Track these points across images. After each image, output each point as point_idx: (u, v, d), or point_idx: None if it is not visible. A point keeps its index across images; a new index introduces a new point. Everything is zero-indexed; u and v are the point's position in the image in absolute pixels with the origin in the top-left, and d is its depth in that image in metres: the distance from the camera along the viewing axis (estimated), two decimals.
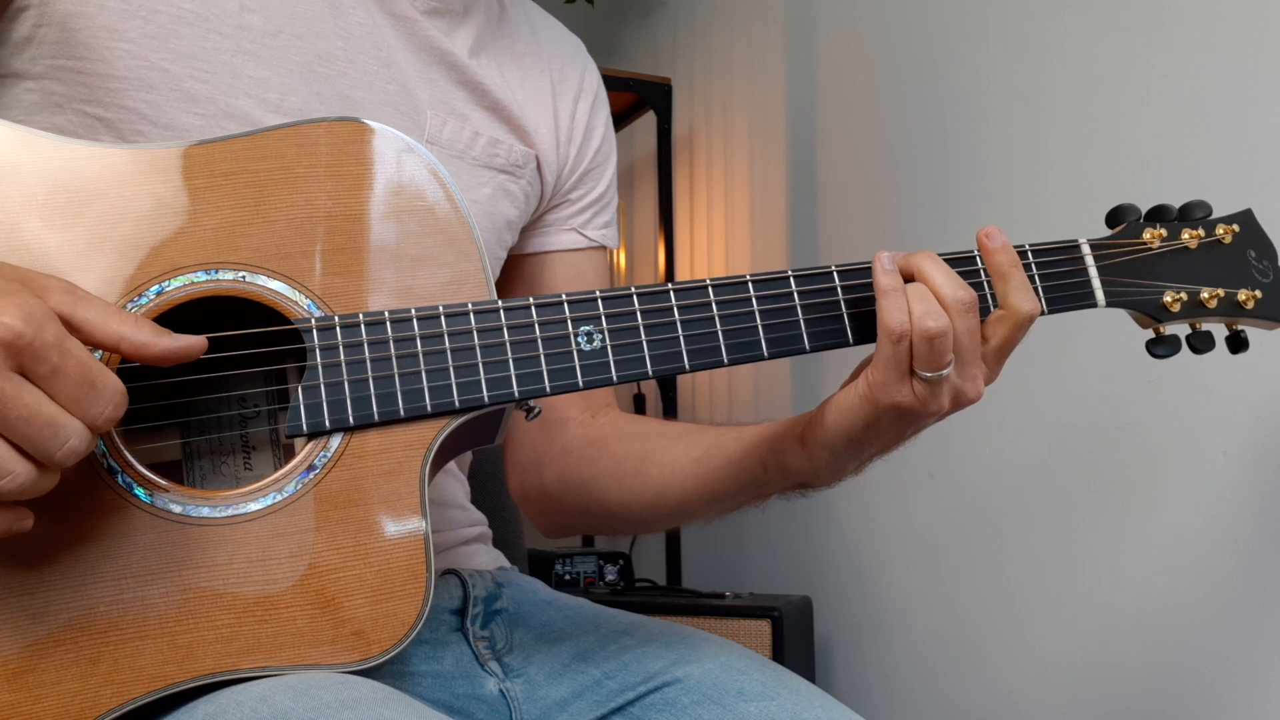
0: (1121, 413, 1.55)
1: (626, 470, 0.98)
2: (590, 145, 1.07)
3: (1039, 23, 1.71)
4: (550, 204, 1.06)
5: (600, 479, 0.99)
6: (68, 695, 0.69)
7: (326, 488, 0.74)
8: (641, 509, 0.98)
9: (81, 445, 0.63)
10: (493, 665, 0.91)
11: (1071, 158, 1.64)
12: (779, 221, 2.33)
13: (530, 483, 1.05)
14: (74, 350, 0.63)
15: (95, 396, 0.63)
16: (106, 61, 0.82)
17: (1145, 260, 0.88)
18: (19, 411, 0.61)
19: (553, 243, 1.06)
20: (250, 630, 0.71)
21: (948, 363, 0.78)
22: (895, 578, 1.98)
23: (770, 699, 0.83)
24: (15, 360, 0.61)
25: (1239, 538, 1.41)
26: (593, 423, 1.04)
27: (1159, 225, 0.89)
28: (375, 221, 0.78)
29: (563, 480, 1.02)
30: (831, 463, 0.85)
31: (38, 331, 0.61)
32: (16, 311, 0.61)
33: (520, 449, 1.06)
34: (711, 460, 0.92)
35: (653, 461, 0.96)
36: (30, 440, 0.62)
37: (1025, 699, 1.71)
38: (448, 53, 0.96)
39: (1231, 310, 0.89)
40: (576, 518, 1.05)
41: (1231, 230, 0.89)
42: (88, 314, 0.66)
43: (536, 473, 1.05)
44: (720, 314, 0.81)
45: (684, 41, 2.71)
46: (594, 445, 1.01)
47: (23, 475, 0.62)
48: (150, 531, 0.71)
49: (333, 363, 0.75)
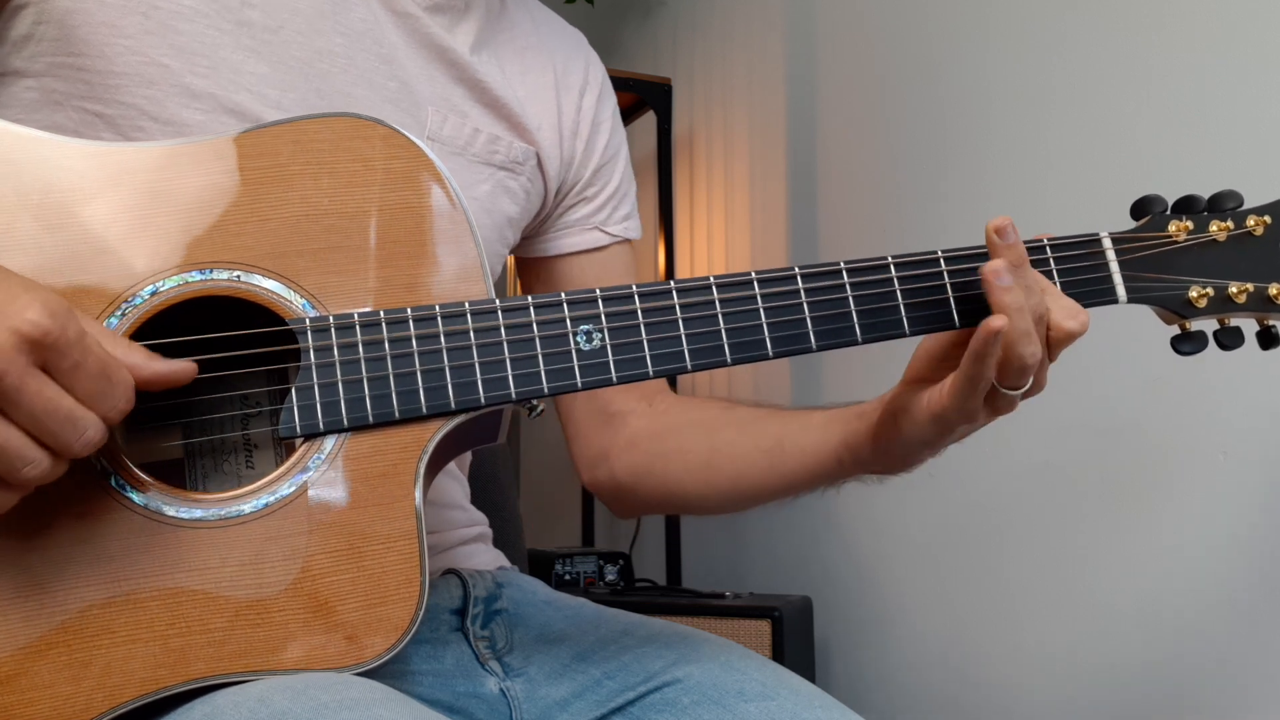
0: (1121, 413, 1.55)
1: (696, 464, 0.99)
2: (599, 140, 1.07)
3: (1039, 22, 1.71)
4: (566, 204, 1.06)
5: (672, 472, 1.01)
6: (60, 698, 0.68)
7: (320, 490, 0.73)
8: (718, 498, 1.00)
9: (98, 437, 0.65)
10: (493, 665, 0.91)
11: (1072, 157, 1.64)
12: (779, 221, 2.33)
13: (602, 475, 1.07)
14: (93, 347, 0.65)
15: (111, 390, 0.65)
16: (106, 58, 0.82)
17: (1170, 254, 0.85)
18: (43, 405, 0.63)
19: (576, 243, 1.06)
20: (243, 634, 0.71)
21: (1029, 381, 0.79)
22: (895, 578, 1.98)
23: (770, 699, 0.83)
24: (40, 355, 0.63)
25: (1239, 538, 1.40)
26: (651, 412, 1.05)
27: (1186, 217, 0.86)
28: (372, 219, 0.77)
29: (634, 474, 1.04)
30: (906, 458, 0.87)
31: (63, 329, 0.63)
32: (43, 308, 0.63)
33: (585, 445, 1.08)
34: (784, 453, 0.94)
35: (722, 454, 0.98)
36: (51, 432, 0.64)
37: (1025, 699, 1.71)
38: (448, 49, 0.95)
39: (1262, 305, 0.85)
40: (656, 505, 1.08)
41: (1263, 222, 0.86)
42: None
43: (606, 466, 1.06)
44: (724, 312, 0.80)
45: (684, 41, 2.71)
46: (659, 439, 1.03)
47: (44, 464, 0.64)
48: (143, 534, 0.71)
49: (327, 363, 0.74)
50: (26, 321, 0.62)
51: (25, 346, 0.62)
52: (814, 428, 0.93)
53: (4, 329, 0.62)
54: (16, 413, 0.63)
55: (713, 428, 1.00)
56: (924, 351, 0.85)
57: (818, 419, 0.93)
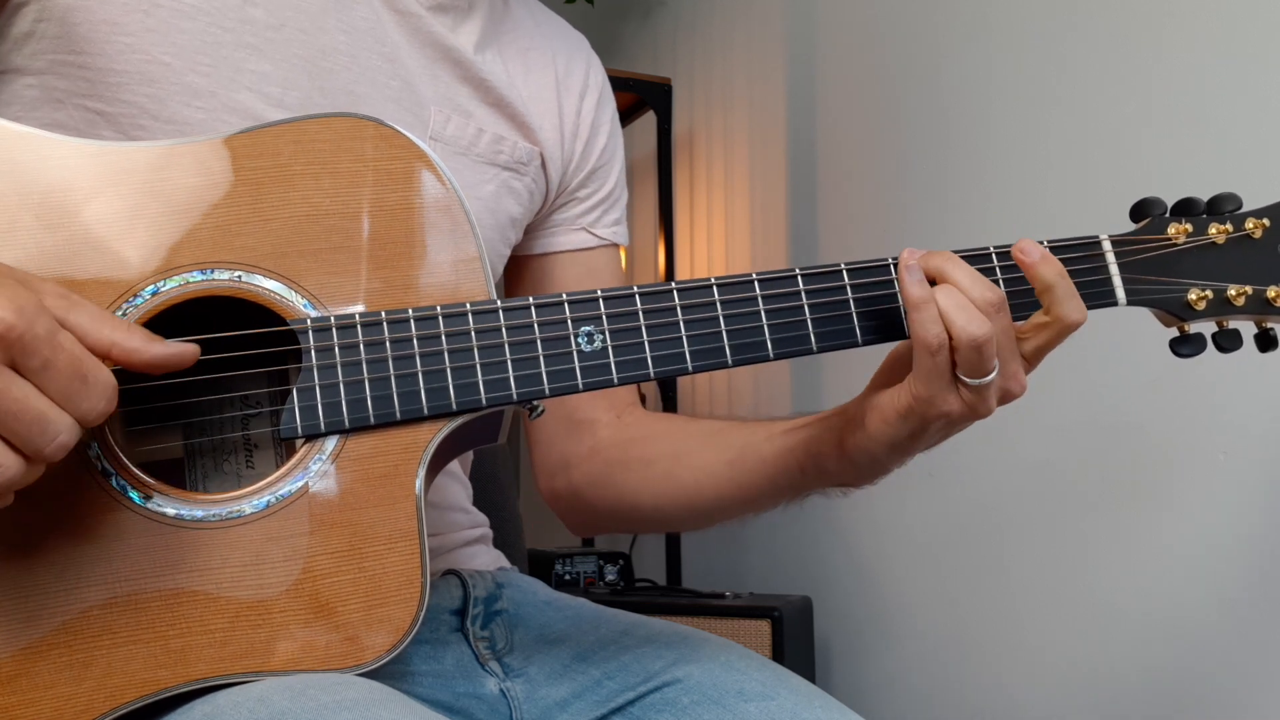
0: (1121, 413, 1.55)
1: (658, 473, 0.98)
2: (597, 143, 1.07)
3: (1039, 23, 1.71)
4: (557, 203, 1.06)
5: (630, 481, 0.99)
6: (60, 699, 0.68)
7: (321, 491, 0.73)
8: (675, 510, 0.98)
9: (70, 439, 0.63)
10: (493, 665, 0.91)
11: (1072, 158, 1.64)
12: (779, 221, 2.33)
13: (560, 484, 1.05)
14: (65, 344, 0.63)
15: (87, 391, 0.63)
16: (107, 56, 0.82)
17: (1169, 257, 0.85)
18: (8, 406, 0.61)
19: (562, 243, 1.06)
20: (244, 634, 0.71)
21: (993, 367, 0.77)
22: (895, 578, 1.98)
23: (770, 699, 0.83)
24: (6, 353, 0.61)
25: (1239, 538, 1.41)
26: (619, 423, 1.04)
27: (1185, 220, 0.86)
28: (374, 219, 0.77)
29: (593, 482, 1.02)
30: (873, 466, 0.84)
31: (29, 325, 0.61)
32: (8, 304, 0.61)
33: (547, 451, 1.06)
34: (746, 463, 0.92)
35: (684, 464, 0.96)
36: (19, 435, 0.61)
37: (1025, 699, 1.71)
38: (452, 49, 0.95)
39: (1260, 308, 0.85)
40: (609, 518, 1.05)
41: (1262, 225, 0.86)
42: (80, 318, 0.65)
43: (565, 474, 1.04)
44: (725, 314, 0.80)
45: (684, 41, 2.71)
46: (622, 447, 1.01)
47: (11, 469, 0.62)
48: (144, 534, 0.71)
49: (328, 364, 0.74)
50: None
51: None
52: (776, 436, 0.91)
53: None
54: None
55: (677, 437, 0.99)
56: (892, 357, 0.84)
57: (780, 427, 0.91)
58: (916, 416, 0.79)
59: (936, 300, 0.77)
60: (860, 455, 0.83)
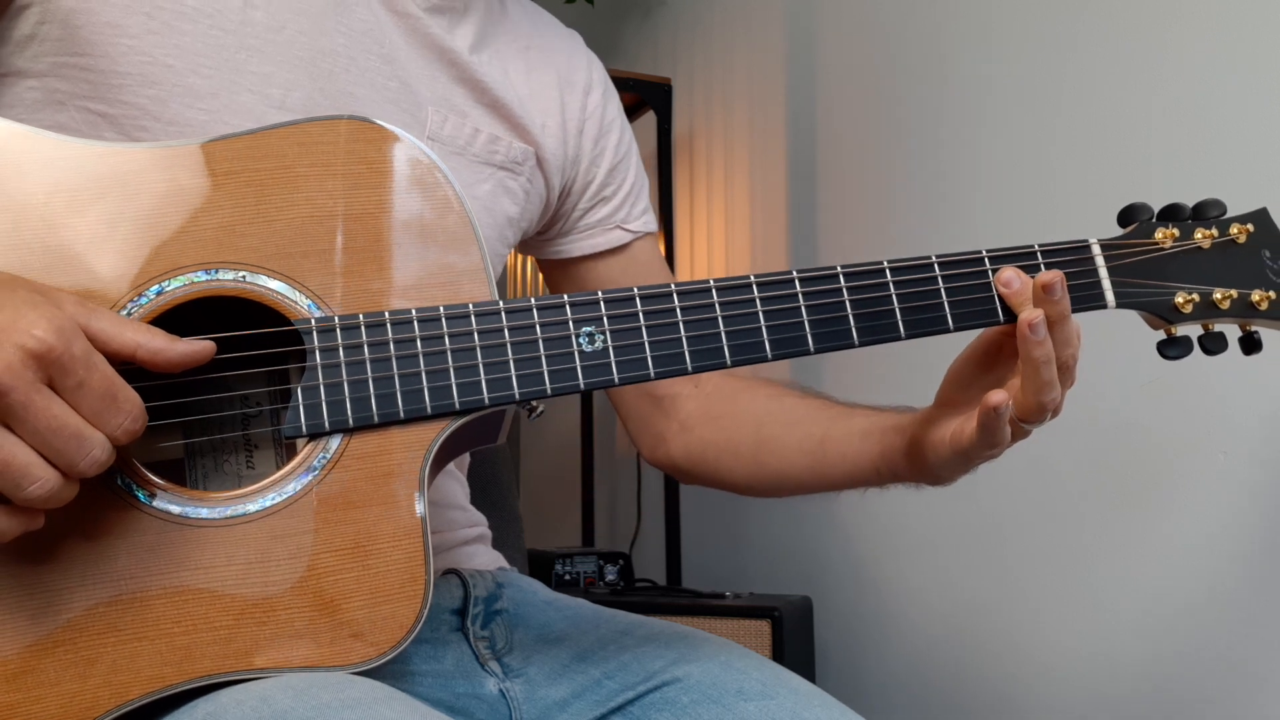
0: (1121, 413, 1.55)
1: (745, 458, 1.03)
2: (611, 139, 1.08)
3: (1040, 23, 1.71)
4: (584, 206, 1.07)
5: (723, 461, 1.05)
6: (66, 696, 0.68)
7: (325, 489, 0.74)
8: (765, 488, 1.04)
9: (104, 456, 0.65)
10: (493, 665, 0.91)
11: (1074, 158, 1.64)
12: (779, 221, 2.33)
13: (660, 457, 1.10)
14: (99, 364, 0.65)
15: (116, 410, 0.65)
16: (109, 58, 0.82)
17: (1157, 260, 0.86)
18: (48, 422, 0.63)
19: (600, 244, 1.08)
20: (248, 632, 0.71)
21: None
22: (895, 578, 1.98)
23: (770, 698, 0.83)
24: (45, 372, 0.63)
25: (1239, 538, 1.41)
26: (699, 394, 1.08)
27: (1171, 225, 0.87)
28: (376, 220, 0.78)
29: (689, 458, 1.07)
30: (942, 479, 0.90)
31: (67, 345, 0.63)
32: (48, 325, 0.63)
33: (641, 428, 1.11)
34: (826, 457, 0.97)
35: (767, 450, 1.01)
36: (57, 450, 0.64)
37: (1025, 699, 1.71)
38: (448, 50, 0.96)
39: (1245, 311, 0.87)
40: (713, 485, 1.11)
41: (1246, 230, 0.87)
42: (102, 324, 0.67)
43: (663, 448, 1.09)
44: (724, 315, 0.81)
45: (684, 41, 2.71)
46: (709, 425, 1.06)
47: (51, 482, 0.64)
48: (149, 532, 0.71)
49: (332, 363, 0.75)
50: (33, 338, 0.62)
51: (32, 363, 0.63)
52: (855, 436, 0.95)
53: (10, 345, 0.62)
54: (23, 429, 0.63)
55: (760, 422, 1.03)
56: (952, 375, 0.88)
57: (859, 426, 0.95)
58: (970, 458, 0.85)
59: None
60: (927, 470, 0.89)
